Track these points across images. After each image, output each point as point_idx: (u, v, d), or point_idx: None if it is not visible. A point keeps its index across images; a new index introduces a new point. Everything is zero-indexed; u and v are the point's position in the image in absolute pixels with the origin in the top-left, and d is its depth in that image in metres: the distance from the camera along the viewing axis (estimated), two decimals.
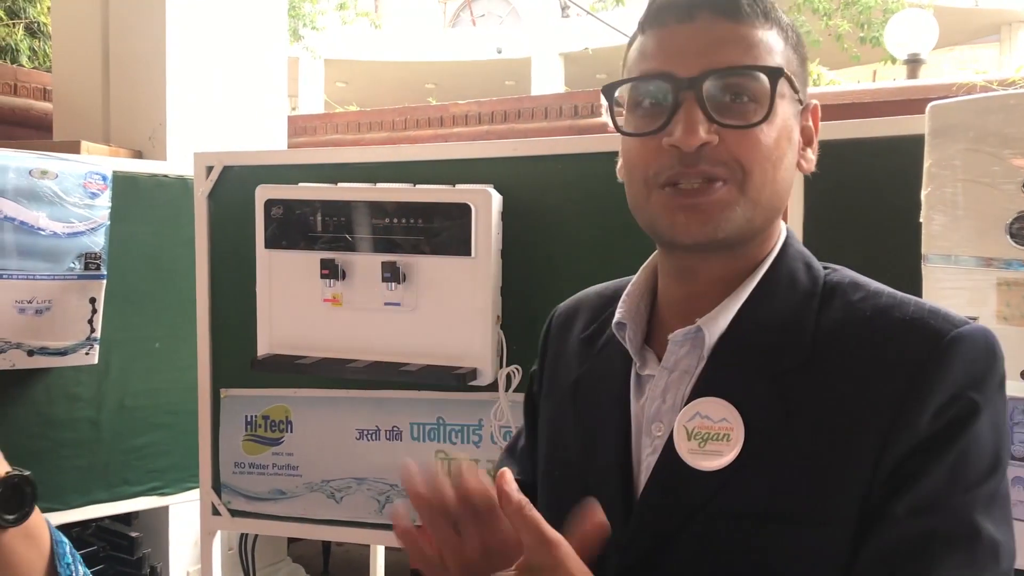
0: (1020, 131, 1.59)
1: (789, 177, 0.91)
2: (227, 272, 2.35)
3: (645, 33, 0.92)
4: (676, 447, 0.88)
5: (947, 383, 0.81)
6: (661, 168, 0.88)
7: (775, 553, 0.83)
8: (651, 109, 0.89)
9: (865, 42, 10.96)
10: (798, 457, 0.84)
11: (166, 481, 2.70)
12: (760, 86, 0.87)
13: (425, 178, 2.15)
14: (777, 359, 0.88)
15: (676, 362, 0.93)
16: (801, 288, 0.92)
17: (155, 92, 3.18)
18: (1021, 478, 1.75)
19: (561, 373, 1.07)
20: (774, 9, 0.91)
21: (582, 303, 1.12)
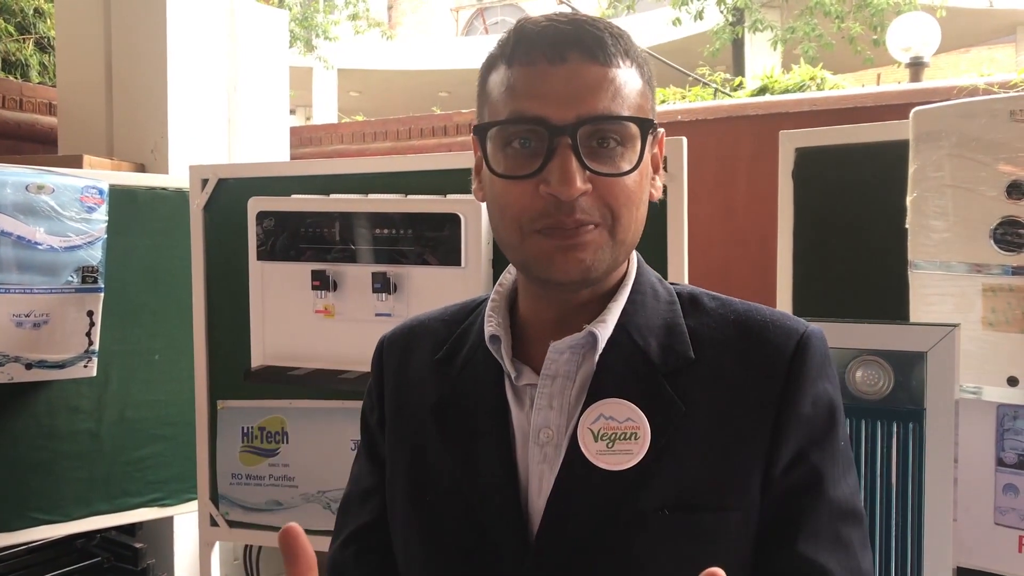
0: (1003, 136, 1.59)
1: (645, 211, 0.96)
2: (222, 284, 2.36)
3: (511, 67, 0.92)
4: (583, 449, 0.91)
5: (813, 374, 0.93)
6: (536, 215, 0.90)
7: (689, 541, 0.89)
8: (522, 151, 0.90)
9: (878, 44, 10.88)
10: (700, 449, 0.91)
11: (167, 492, 2.72)
12: (631, 134, 0.90)
13: (419, 188, 2.16)
14: (665, 360, 0.95)
15: (557, 369, 0.95)
16: (662, 298, 1.00)
17: (157, 105, 3.21)
18: (1012, 485, 1.73)
19: (410, 399, 1.05)
20: (632, 45, 0.93)
21: (417, 330, 1.11)
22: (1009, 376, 1.61)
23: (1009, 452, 1.72)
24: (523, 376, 0.98)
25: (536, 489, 0.94)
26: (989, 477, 1.73)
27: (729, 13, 11.70)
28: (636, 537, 0.89)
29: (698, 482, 0.90)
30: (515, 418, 0.97)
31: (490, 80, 0.95)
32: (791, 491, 0.92)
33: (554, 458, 0.94)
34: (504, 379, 0.99)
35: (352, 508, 1.12)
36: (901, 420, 1.43)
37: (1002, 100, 1.60)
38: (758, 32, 11.28)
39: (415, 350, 1.09)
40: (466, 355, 1.03)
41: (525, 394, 0.97)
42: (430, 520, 0.99)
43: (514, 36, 0.93)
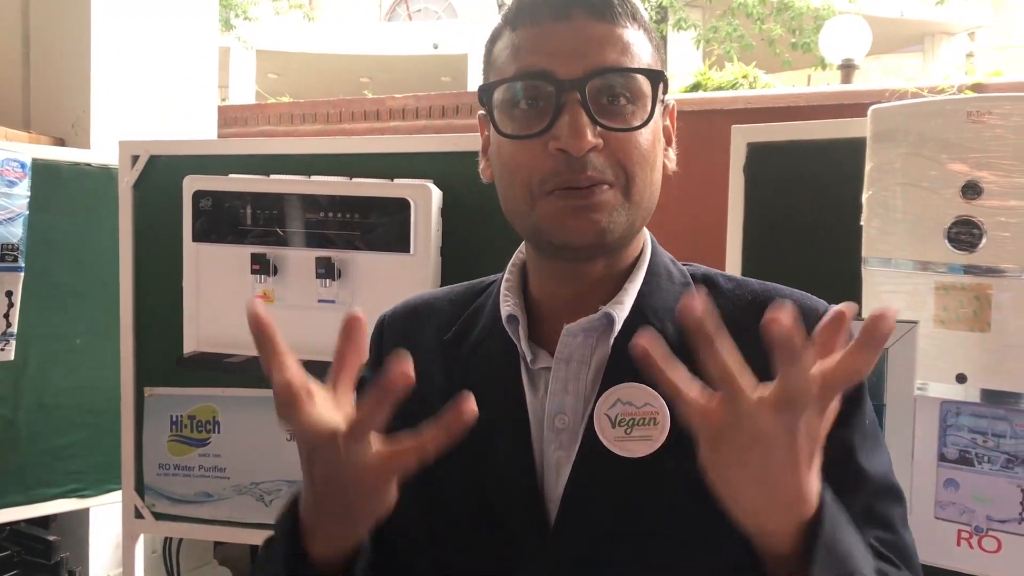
0: (958, 136, 1.61)
1: (660, 178, 0.93)
2: (152, 266, 2.26)
3: (516, 31, 0.90)
4: (600, 436, 0.88)
5: None
6: (548, 174, 0.87)
7: (711, 528, 0.84)
8: (530, 110, 0.88)
9: (797, 48, 11.15)
10: None
11: (87, 483, 2.59)
12: (641, 89, 0.88)
13: (361, 172, 2.09)
14: (683, 341, 0.87)
15: (571, 352, 0.92)
16: (676, 279, 0.97)
17: (79, 78, 3.06)
18: (953, 480, 1.77)
19: (416, 381, 1.01)
20: (640, 11, 0.91)
21: (422, 308, 1.07)
22: (958, 373, 1.64)
23: (951, 448, 1.75)
24: (539, 359, 0.94)
25: (553, 477, 0.90)
26: (931, 472, 1.76)
27: (654, 11, 11.83)
28: (657, 524, 0.86)
29: None
30: (529, 403, 0.93)
31: (495, 49, 0.93)
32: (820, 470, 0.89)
33: (570, 445, 0.91)
34: (519, 362, 0.95)
35: None
36: None
37: (959, 101, 1.63)
38: (682, 31, 11.44)
39: (419, 329, 1.04)
40: (477, 336, 0.99)
41: (540, 378, 0.94)
42: (441, 508, 0.94)
43: (517, 1, 0.91)
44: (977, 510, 1.73)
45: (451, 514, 0.93)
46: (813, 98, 3.54)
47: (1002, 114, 1.56)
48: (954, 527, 1.76)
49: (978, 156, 1.58)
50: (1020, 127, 1.56)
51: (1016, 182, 1.57)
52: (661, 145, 0.93)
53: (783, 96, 3.66)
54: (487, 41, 0.95)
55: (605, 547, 0.88)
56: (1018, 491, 1.71)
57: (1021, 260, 1.58)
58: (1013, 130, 1.56)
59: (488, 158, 0.97)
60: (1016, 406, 1.66)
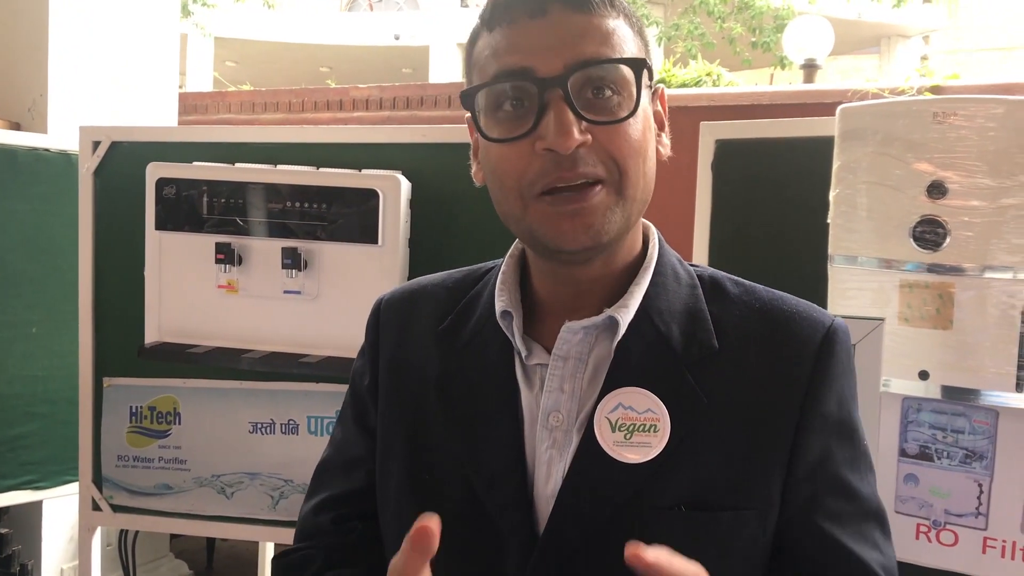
0: (923, 137, 1.63)
1: (654, 166, 0.91)
2: (113, 254, 2.22)
3: (492, 31, 0.88)
4: (599, 439, 0.87)
5: (838, 370, 0.91)
6: (537, 176, 0.85)
7: (705, 540, 0.85)
8: (514, 112, 0.86)
9: (757, 47, 11.26)
10: (719, 445, 0.87)
11: (42, 474, 2.54)
12: (624, 78, 0.85)
13: (327, 162, 2.07)
14: (687, 349, 0.90)
15: (569, 350, 0.91)
16: (683, 281, 0.95)
17: (36, 60, 2.99)
18: (913, 475, 1.80)
19: (410, 368, 1.00)
20: (619, 0, 0.89)
21: (419, 294, 1.05)
22: (921, 370, 1.67)
23: (911, 443, 1.78)
24: (534, 355, 0.93)
25: (544, 476, 0.90)
26: (892, 467, 1.79)
27: None
28: (649, 533, 0.82)
29: (717, 479, 0.87)
30: (524, 399, 0.92)
31: (474, 51, 0.91)
32: (817, 491, 0.89)
33: (564, 444, 0.90)
34: (514, 357, 0.94)
35: (333, 474, 1.05)
36: None
37: (926, 102, 1.65)
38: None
39: (416, 316, 1.03)
40: (473, 328, 0.97)
41: (535, 374, 0.93)
42: (430, 500, 0.93)
43: (491, 1, 0.89)
44: (935, 504, 1.77)
45: (442, 508, 0.91)
46: (776, 96, 3.57)
47: (967, 115, 1.59)
48: (913, 521, 1.79)
49: (943, 156, 1.61)
50: (984, 128, 1.59)
51: (979, 182, 1.60)
52: (652, 132, 0.90)
53: (747, 94, 3.69)
54: (467, 43, 0.93)
55: (596, 553, 0.87)
56: (975, 486, 1.74)
57: (983, 259, 1.61)
58: (977, 131, 1.59)
59: (479, 161, 0.94)
60: (975, 402, 1.69)
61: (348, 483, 1.03)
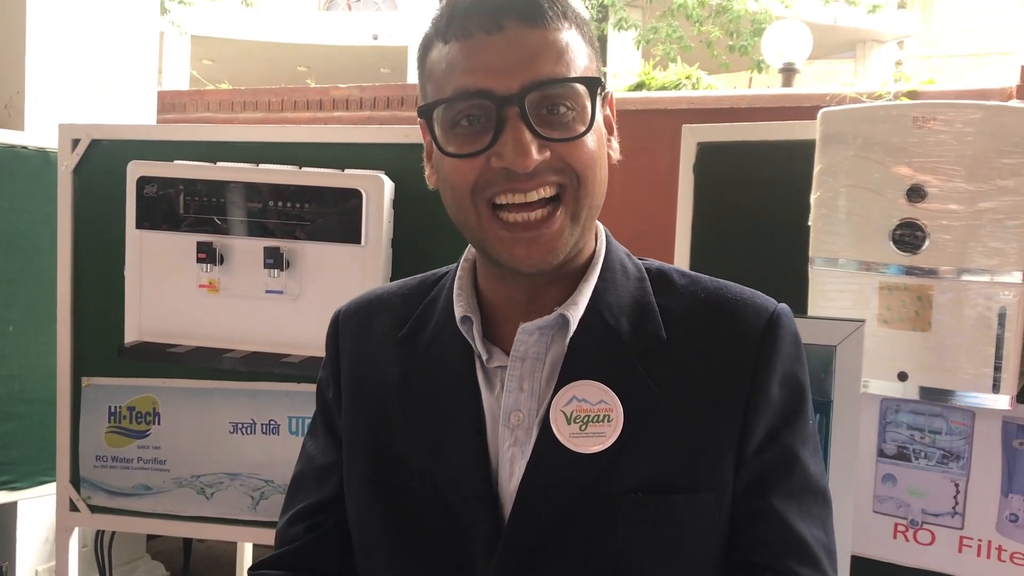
0: (903, 141, 1.65)
1: (607, 174, 0.94)
2: (92, 253, 2.20)
3: (448, 43, 0.89)
4: (555, 432, 0.90)
5: (784, 354, 0.94)
6: (488, 183, 0.88)
7: (662, 523, 0.89)
8: (471, 127, 0.88)
9: (734, 50, 11.33)
10: (672, 431, 0.91)
11: (17, 475, 2.51)
12: (579, 94, 0.88)
13: (309, 161, 2.07)
14: (636, 340, 0.94)
15: (526, 351, 0.94)
16: (631, 274, 0.99)
17: (13, 56, 2.95)
18: (891, 475, 1.82)
19: (370, 376, 1.02)
20: (570, 7, 0.90)
21: (375, 304, 1.08)
22: (899, 371, 1.69)
23: (890, 443, 1.81)
24: (494, 358, 0.96)
25: (507, 472, 0.92)
26: (870, 467, 1.81)
27: (594, 10, 11.90)
28: (609, 519, 0.89)
29: (671, 464, 0.90)
30: (485, 400, 0.95)
31: (429, 60, 0.92)
32: (766, 470, 0.93)
33: (525, 441, 0.92)
34: (474, 360, 0.96)
35: (305, 485, 1.07)
36: None
37: (906, 106, 1.67)
38: (622, 31, 11.53)
39: (373, 325, 1.05)
40: (432, 333, 1.00)
41: (495, 376, 0.95)
42: (395, 501, 0.96)
43: (447, 11, 0.90)
44: (913, 504, 1.79)
45: (407, 507, 0.95)
46: (755, 100, 3.60)
47: (945, 120, 1.61)
48: (891, 520, 1.81)
49: (922, 160, 1.63)
50: (962, 133, 1.61)
51: (957, 186, 1.62)
52: (605, 140, 0.93)
53: (726, 97, 3.71)
54: (420, 48, 0.94)
55: (559, 541, 0.90)
56: (952, 486, 1.77)
57: (961, 262, 1.63)
58: (955, 136, 1.61)
59: (432, 165, 0.96)
60: (952, 403, 1.72)
61: (321, 492, 1.05)
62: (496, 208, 0.89)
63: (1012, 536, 1.72)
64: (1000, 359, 1.63)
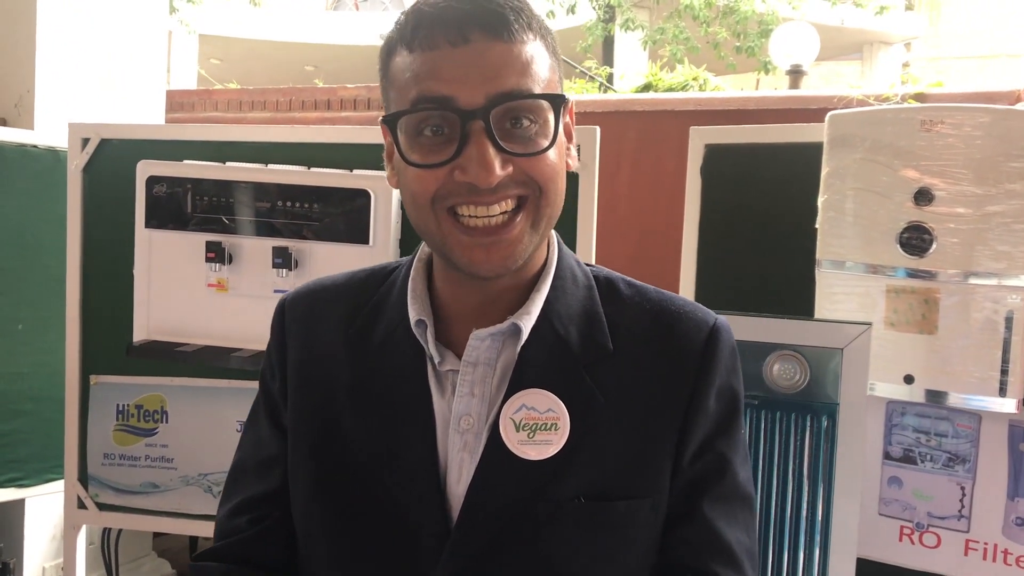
0: (911, 144, 1.66)
1: (565, 183, 0.95)
2: (100, 251, 2.21)
3: (413, 52, 0.88)
4: (504, 439, 0.92)
5: (721, 368, 0.98)
6: (449, 193, 0.88)
7: (603, 528, 0.93)
8: (434, 137, 0.88)
9: (741, 51, 11.31)
10: (616, 439, 0.94)
11: (25, 472, 2.52)
12: (543, 110, 0.89)
13: (317, 161, 2.08)
14: (585, 351, 0.96)
15: (478, 356, 0.95)
16: (581, 282, 1.01)
17: (24, 56, 2.97)
18: (897, 478, 1.82)
19: (319, 371, 1.01)
20: (534, 17, 0.91)
21: (322, 294, 1.07)
22: (906, 374, 1.69)
23: (895, 446, 1.81)
24: (446, 361, 0.96)
25: (456, 476, 0.94)
26: (876, 469, 1.82)
27: (601, 10, 11.89)
28: (553, 524, 0.92)
29: (613, 472, 0.94)
30: (436, 403, 0.96)
31: (392, 66, 0.92)
32: (699, 476, 0.97)
33: (474, 446, 0.94)
34: (426, 362, 0.97)
35: (248, 475, 1.06)
36: (815, 414, 1.47)
37: (913, 109, 1.67)
38: (629, 31, 11.52)
39: (321, 318, 1.04)
40: (384, 332, 1.00)
41: (447, 379, 0.96)
42: (342, 500, 0.97)
43: (412, 19, 0.90)
44: (919, 507, 1.79)
45: (354, 509, 0.96)
46: (763, 102, 3.59)
47: (954, 124, 1.61)
48: (896, 523, 1.81)
49: (930, 164, 1.63)
50: (970, 137, 1.61)
51: (965, 190, 1.62)
52: (564, 149, 0.94)
53: (733, 99, 3.71)
54: (382, 50, 0.94)
55: (505, 545, 0.92)
56: (958, 489, 1.77)
57: (968, 265, 1.63)
58: (964, 139, 1.61)
59: (393, 166, 0.96)
60: (958, 407, 1.72)
61: (264, 484, 1.04)
62: (456, 215, 0.90)
63: (1018, 540, 1.72)
64: (1007, 362, 1.63)
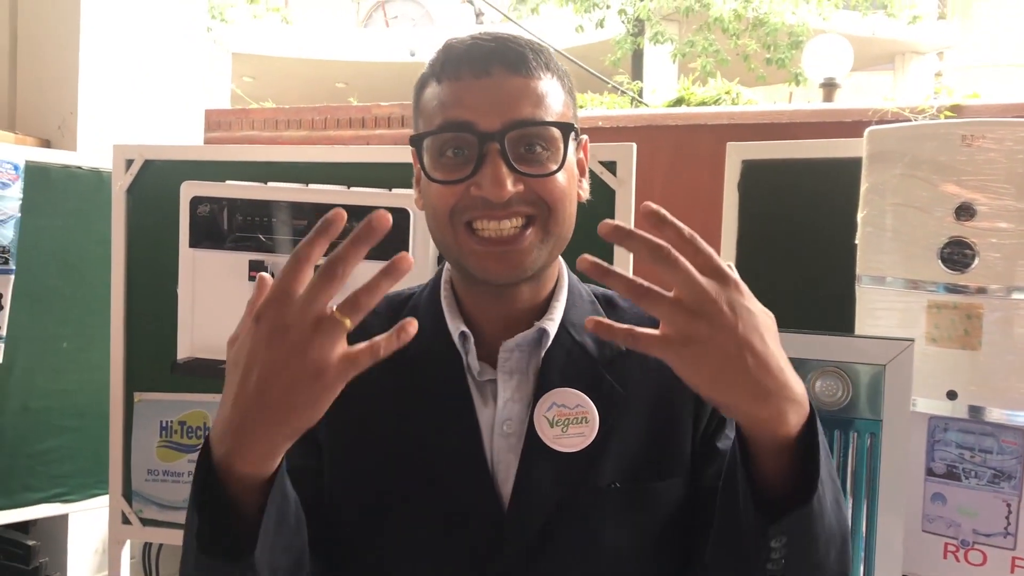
0: (951, 159, 1.65)
1: (575, 210, 1.05)
2: (144, 271, 2.25)
3: (441, 84, 1.00)
4: (541, 436, 1.01)
5: None
6: (466, 208, 0.98)
7: (639, 509, 1.02)
8: (455, 158, 0.98)
9: (771, 63, 11.27)
10: (640, 427, 1.04)
11: (71, 487, 2.57)
12: (553, 137, 0.99)
13: (355, 180, 2.10)
14: (601, 352, 1.06)
15: (512, 366, 1.05)
16: (586, 297, 1.12)
17: (67, 78, 3.03)
18: (940, 494, 1.80)
19: (351, 388, 1.04)
20: (552, 60, 1.02)
21: None
22: (948, 390, 1.68)
23: (938, 462, 1.79)
24: (484, 372, 1.06)
25: (504, 476, 1.03)
26: (919, 486, 1.80)
27: (630, 24, 11.91)
28: (596, 509, 1.01)
29: (642, 456, 1.04)
30: (479, 412, 1.04)
31: (423, 97, 1.03)
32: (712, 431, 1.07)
33: (517, 446, 1.03)
34: (465, 375, 1.06)
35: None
36: (858, 431, 1.47)
37: (954, 124, 1.67)
38: (658, 44, 11.52)
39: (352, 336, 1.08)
40: (419, 349, 1.02)
41: (486, 389, 1.06)
42: (403, 511, 1.03)
43: (442, 55, 1.02)
44: (963, 524, 1.77)
45: (413, 517, 1.03)
46: (797, 115, 3.59)
47: (995, 138, 1.61)
48: (941, 540, 1.80)
49: (971, 178, 1.62)
50: (1012, 151, 1.60)
51: (1007, 204, 1.61)
52: (576, 180, 1.04)
53: (766, 112, 3.70)
54: (416, 86, 1.05)
55: (552, 531, 1.01)
56: (1003, 505, 1.75)
57: (1011, 280, 1.62)
58: (1006, 154, 1.61)
59: (420, 190, 1.06)
60: (1003, 422, 1.70)
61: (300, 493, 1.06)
62: (472, 228, 0.99)
63: None
64: None
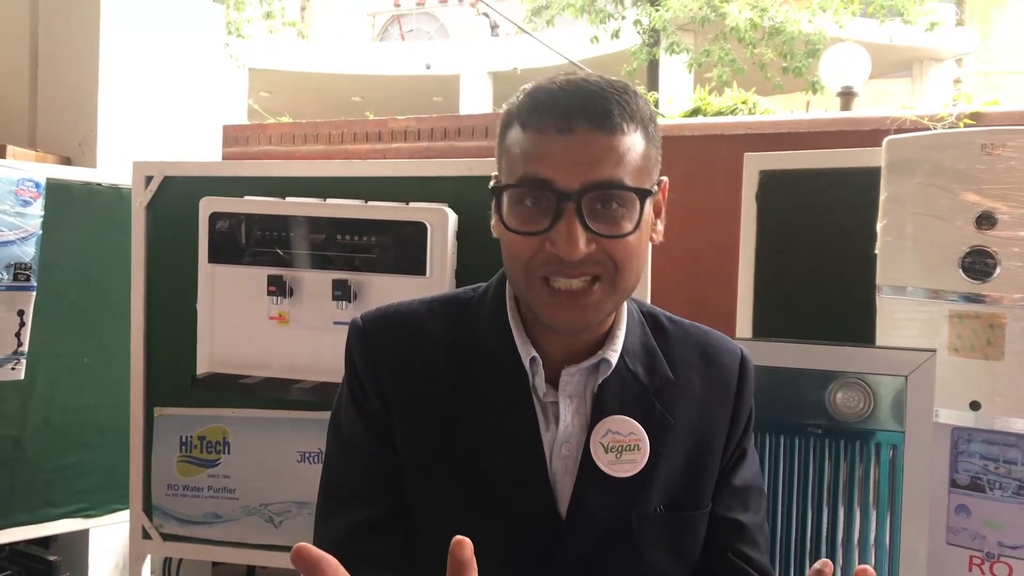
0: (971, 168, 1.64)
1: (644, 262, 1.08)
2: (163, 286, 2.26)
3: (525, 130, 1.01)
4: (596, 461, 1.07)
5: (750, 388, 1.18)
6: (541, 263, 1.01)
7: (678, 533, 1.10)
8: (533, 208, 1.00)
9: (788, 72, 11.24)
10: (682, 456, 1.11)
11: (92, 503, 2.58)
12: (631, 199, 1.00)
13: (372, 194, 2.11)
14: (651, 381, 1.11)
15: (573, 390, 1.09)
16: (636, 319, 1.15)
17: (87, 97, 3.06)
18: (964, 506, 1.78)
19: (421, 388, 1.10)
20: (638, 109, 1.01)
21: (406, 322, 1.14)
22: (972, 400, 1.66)
23: (962, 474, 1.77)
24: (548, 393, 1.09)
25: (562, 496, 1.08)
26: (942, 498, 1.78)
27: (646, 34, 11.91)
28: (643, 531, 1.08)
29: (683, 484, 1.11)
30: (543, 433, 1.09)
31: (507, 137, 1.05)
32: (729, 480, 1.16)
33: (573, 469, 1.08)
34: (531, 395, 1.09)
35: (360, 495, 1.11)
36: (880, 442, 1.46)
37: (974, 133, 1.66)
38: (674, 54, 11.51)
39: (414, 343, 1.12)
40: (486, 361, 1.10)
41: (548, 409, 1.10)
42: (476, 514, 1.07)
43: (528, 101, 1.03)
44: (988, 536, 1.75)
45: (489, 520, 1.07)
46: (814, 124, 3.58)
47: (1016, 147, 1.60)
48: (966, 553, 1.78)
49: (992, 187, 1.61)
50: None
51: None
52: (650, 226, 1.06)
53: (784, 122, 3.69)
54: (501, 121, 1.06)
55: (607, 550, 1.07)
56: None
57: None
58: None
59: (499, 218, 1.06)
60: None
61: (382, 503, 1.10)
62: (546, 280, 1.02)
63: None
64: None
